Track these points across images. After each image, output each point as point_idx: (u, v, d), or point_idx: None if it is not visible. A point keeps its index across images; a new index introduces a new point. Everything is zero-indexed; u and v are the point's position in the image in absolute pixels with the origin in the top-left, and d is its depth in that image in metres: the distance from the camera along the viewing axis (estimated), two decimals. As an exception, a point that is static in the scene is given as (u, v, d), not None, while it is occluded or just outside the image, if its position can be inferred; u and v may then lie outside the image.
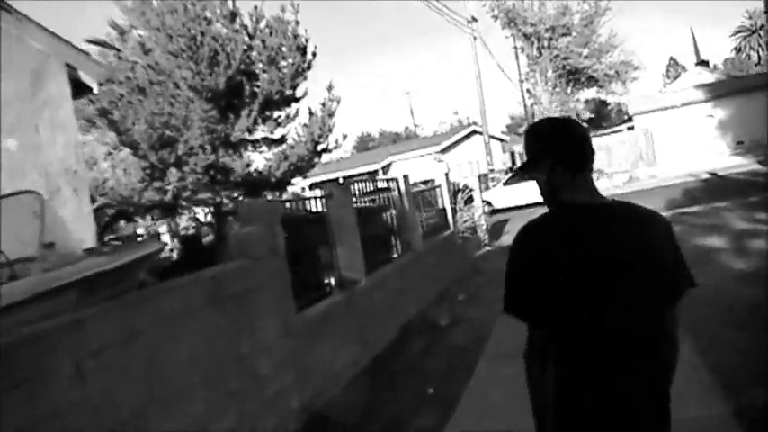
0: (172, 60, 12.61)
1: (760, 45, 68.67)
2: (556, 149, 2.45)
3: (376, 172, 40.14)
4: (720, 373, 5.79)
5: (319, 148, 14.40)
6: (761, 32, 66.90)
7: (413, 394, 6.97)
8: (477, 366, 7.52)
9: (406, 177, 11.88)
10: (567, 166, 2.41)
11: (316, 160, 14.76)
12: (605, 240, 2.25)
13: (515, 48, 48.36)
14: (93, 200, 12.85)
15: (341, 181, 10.24)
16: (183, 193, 13.19)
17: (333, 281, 8.50)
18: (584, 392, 2.24)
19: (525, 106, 47.80)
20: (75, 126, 8.59)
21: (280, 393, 6.12)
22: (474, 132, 45.68)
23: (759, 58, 69.07)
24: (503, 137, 53.31)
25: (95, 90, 9.22)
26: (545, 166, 2.46)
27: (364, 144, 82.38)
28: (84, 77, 8.59)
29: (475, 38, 38.53)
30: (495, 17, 48.71)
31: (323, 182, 18.54)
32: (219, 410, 5.11)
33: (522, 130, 54.73)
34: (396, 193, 11.58)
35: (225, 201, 13.15)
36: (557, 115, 35.29)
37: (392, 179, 11.87)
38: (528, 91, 49.86)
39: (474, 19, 38.58)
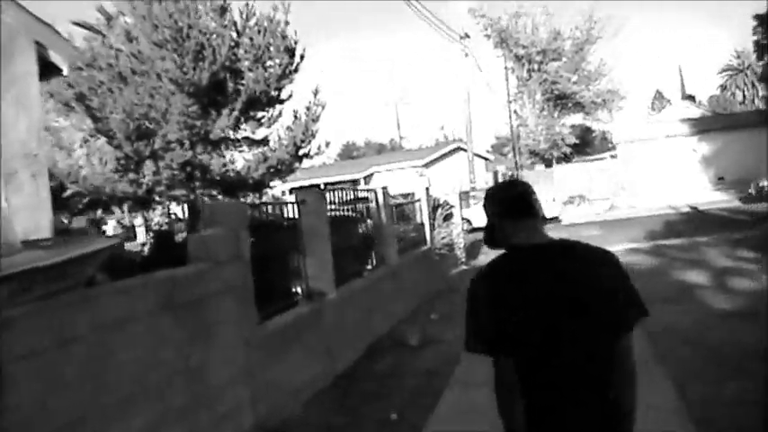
0: (156, 51, 12.28)
1: (746, 84, 69.23)
2: (498, 205, 2.72)
3: (358, 181, 39.77)
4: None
5: (301, 152, 14.11)
6: (748, 72, 67.47)
7: (375, 419, 6.54)
8: (445, 393, 7.09)
9: (384, 189, 11.49)
10: (509, 216, 2.65)
11: (296, 165, 14.46)
12: (552, 279, 2.42)
13: (506, 68, 48.27)
14: (64, 188, 12.47)
15: (322, 187, 9.85)
16: (157, 187, 12.83)
17: (300, 292, 8.06)
18: (544, 425, 2.44)
19: (511, 127, 47.62)
20: (39, 108, 8.10)
21: (233, 409, 5.68)
22: (459, 149, 45.40)
23: (744, 96, 69.63)
24: (487, 156, 53.08)
25: (65, 72, 8.72)
26: (495, 217, 2.72)
27: (349, 152, 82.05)
28: (55, 57, 8.08)
29: (466, 54, 38.32)
30: (488, 36, 48.89)
31: (303, 187, 18.26)
32: (165, 426, 4.66)
33: (506, 150, 54.73)
34: (373, 204, 11.19)
35: (204, 198, 12.71)
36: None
37: (370, 190, 11.48)
38: (515, 112, 49.81)
39: (467, 35, 38.39)
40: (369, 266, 10.89)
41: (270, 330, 6.71)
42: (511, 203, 2.67)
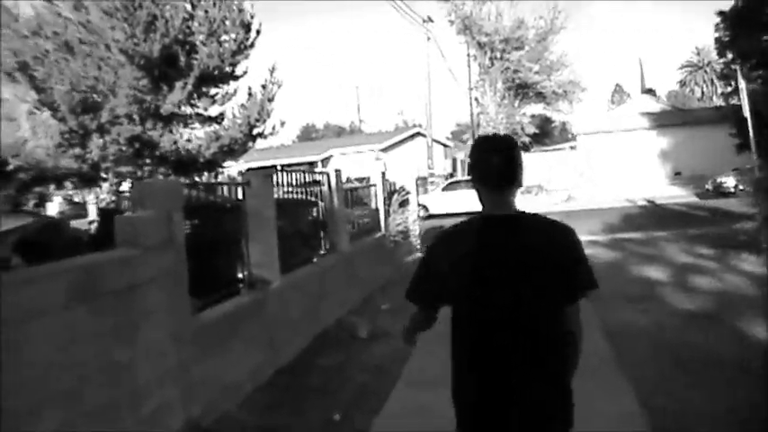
0: (105, 20, 11.73)
1: (705, 81, 70.11)
2: (476, 168, 2.78)
3: (315, 164, 39.34)
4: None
5: (255, 131, 13.81)
6: (707, 69, 68.24)
7: (316, 419, 6.08)
8: (392, 392, 6.64)
9: (337, 172, 11.01)
10: (483, 184, 2.74)
11: (250, 144, 14.15)
12: (510, 247, 2.58)
13: (468, 55, 48.14)
14: (5, 162, 11.93)
15: (279, 169, 9.41)
16: (103, 163, 12.32)
17: (242, 280, 7.55)
18: (467, 372, 2.69)
19: (472, 114, 47.46)
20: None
21: (161, 409, 5.16)
22: (418, 134, 45.19)
23: (703, 93, 70.54)
24: (447, 142, 52.92)
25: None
26: (474, 182, 2.79)
27: (308, 134, 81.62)
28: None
29: (429, 38, 37.98)
30: (452, 22, 48.50)
31: (260, 168, 17.88)
32: (82, 428, 4.15)
33: (466, 137, 54.58)
34: (325, 188, 10.70)
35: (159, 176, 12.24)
36: (492, 131, 35.17)
37: (322, 173, 11.00)
38: (476, 99, 49.67)
39: (429, 19, 38.05)
40: (318, 253, 10.40)
41: (206, 322, 6.19)
42: (489, 170, 2.72)
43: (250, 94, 13.78)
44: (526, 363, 2.56)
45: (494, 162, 2.70)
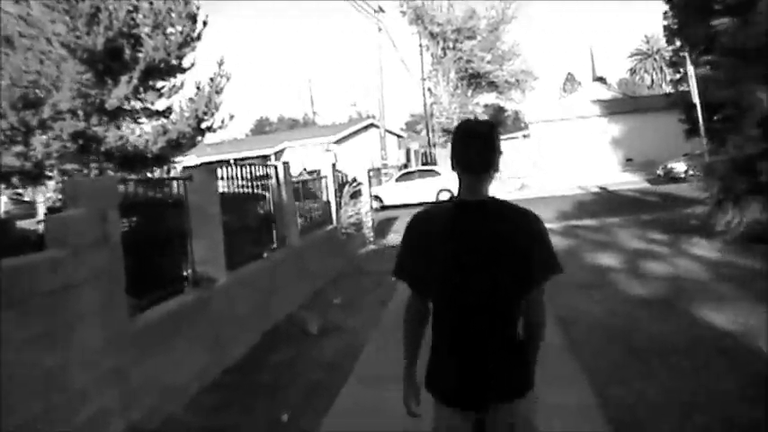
0: (47, 12, 11.34)
1: (654, 69, 71.04)
2: (454, 153, 2.83)
3: (268, 157, 38.99)
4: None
5: (204, 125, 13.46)
6: (656, 57, 69.15)
7: (263, 420, 5.90)
8: (342, 390, 6.48)
9: (285, 165, 10.81)
10: (461, 169, 2.80)
11: (199, 138, 13.79)
12: (483, 233, 2.69)
13: (420, 45, 48.12)
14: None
15: (231, 163, 9.19)
16: (47, 160, 11.95)
17: (186, 278, 7.33)
18: (446, 355, 2.82)
19: (425, 105, 47.46)
20: None
21: (99, 414, 4.95)
22: (371, 126, 45.07)
23: (652, 80, 71.50)
24: (401, 133, 52.88)
25: None
26: (453, 167, 2.84)
27: (261, 128, 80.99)
28: None
29: (380, 29, 37.84)
30: (404, 12, 48.34)
31: (212, 163, 17.63)
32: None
33: (420, 127, 54.62)
34: (274, 181, 10.49)
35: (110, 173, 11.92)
36: (469, 117, 35.13)
37: (270, 166, 10.78)
38: (429, 90, 49.67)
39: (381, 9, 37.90)
40: (267, 248, 10.19)
41: (146, 323, 5.96)
42: (460, 157, 2.80)
43: (198, 88, 13.47)
44: (503, 346, 2.75)
45: (471, 148, 2.78)
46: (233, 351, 7.68)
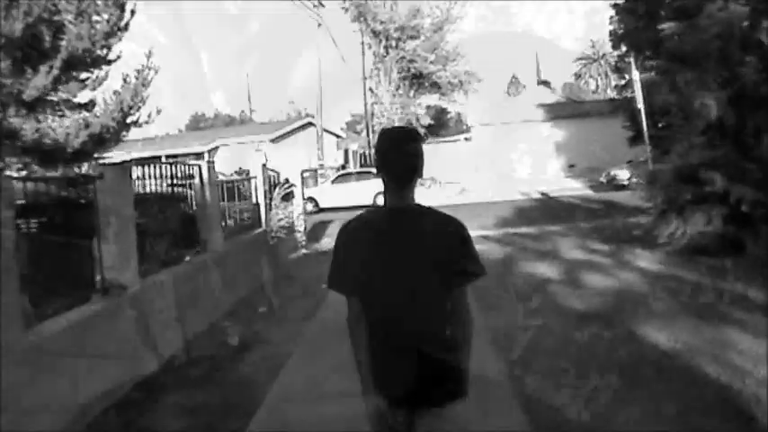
0: (-40, -3, 10.90)
1: (600, 74, 72.20)
2: (379, 160, 3.03)
3: (202, 154, 38.42)
4: None
5: (129, 119, 13.09)
6: (602, 62, 70.25)
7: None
8: (259, 412, 6.15)
9: (210, 164, 10.49)
10: (386, 175, 2.99)
11: (124, 133, 13.40)
12: (409, 238, 2.91)
13: (362, 43, 47.91)
14: None
15: (163, 160, 8.86)
16: (-45, 154, 11.48)
17: (93, 285, 6.95)
18: (379, 353, 2.99)
19: (366, 104, 47.26)
20: None
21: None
22: (309, 124, 44.89)
23: (597, 85, 72.66)
24: (340, 133, 52.67)
25: None
26: (378, 174, 3.02)
27: (197, 123, 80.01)
28: None
29: (319, 24, 37.60)
30: (346, 9, 48.03)
31: (143, 159, 17.23)
32: None
33: (360, 128, 54.43)
34: (197, 181, 10.15)
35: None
36: (397, 125, 35.11)
37: (194, 164, 10.45)
38: (370, 89, 49.47)
39: (321, 4, 37.67)
40: (187, 253, 9.83)
41: (43, 336, 5.57)
42: (385, 164, 3.00)
43: (125, 80, 13.08)
44: (431, 345, 2.91)
45: (395, 155, 2.99)
46: (146, 365, 7.29)
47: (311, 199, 27.88)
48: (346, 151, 48.66)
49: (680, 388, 5.83)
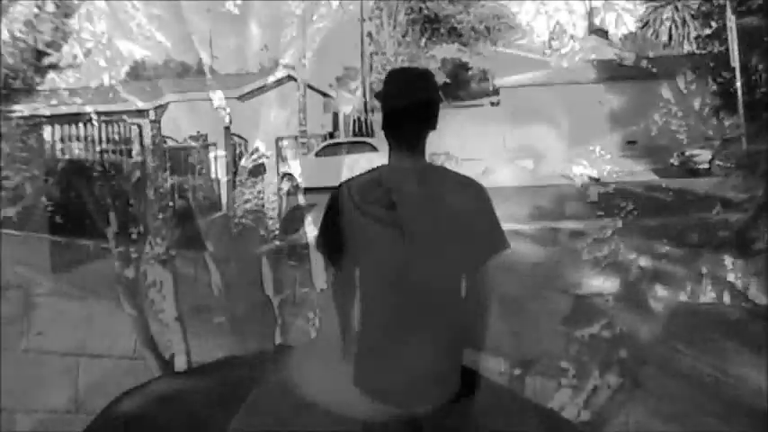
0: None
1: (675, 21, 71.77)
2: (384, 109, 3.19)
3: (146, 112, 38.24)
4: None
5: (46, 61, 13.07)
6: (678, 4, 69.89)
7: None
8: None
9: (155, 124, 10.28)
10: (391, 128, 3.18)
11: (39, 79, 13.40)
12: (418, 203, 3.05)
13: (360, -24, 47.87)
14: None
15: (93, 117, 8.77)
16: None
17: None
18: (374, 336, 3.11)
19: (363, 55, 47.21)
20: None
21: None
22: (289, 78, 44.64)
23: (670, 37, 72.15)
24: (329, 91, 52.62)
25: None
26: (383, 126, 3.21)
27: (138, 72, 80.00)
28: None
29: (306, -52, 37.52)
30: (341, -75, 48.04)
31: (70, 115, 17.30)
32: None
33: (354, 86, 54.45)
34: (136, 146, 9.93)
35: None
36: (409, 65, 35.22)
37: (132, 124, 10.24)
38: (369, 35, 49.39)
39: None
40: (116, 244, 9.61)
41: None
42: (391, 114, 3.14)
43: (39, 8, 12.92)
44: (442, 336, 3.04)
45: (405, 102, 3.11)
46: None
47: (289, 176, 27.74)
48: (335, 115, 48.62)
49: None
